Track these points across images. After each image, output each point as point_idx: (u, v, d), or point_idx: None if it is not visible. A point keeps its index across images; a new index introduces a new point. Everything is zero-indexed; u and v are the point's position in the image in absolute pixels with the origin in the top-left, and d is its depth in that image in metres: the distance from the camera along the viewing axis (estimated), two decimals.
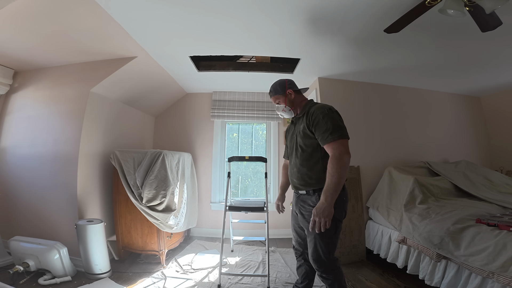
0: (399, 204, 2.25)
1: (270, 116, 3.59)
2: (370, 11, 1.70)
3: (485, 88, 3.30)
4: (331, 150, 1.33)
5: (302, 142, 1.48)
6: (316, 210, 1.29)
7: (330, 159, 1.31)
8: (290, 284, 2.11)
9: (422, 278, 1.89)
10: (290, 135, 1.67)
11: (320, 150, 1.43)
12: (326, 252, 1.39)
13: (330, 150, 1.33)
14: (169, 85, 3.22)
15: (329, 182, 1.29)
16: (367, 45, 2.18)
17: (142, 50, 2.30)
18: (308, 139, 1.45)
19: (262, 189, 3.68)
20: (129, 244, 2.53)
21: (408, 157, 3.00)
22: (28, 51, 2.29)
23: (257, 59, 2.86)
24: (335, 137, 1.32)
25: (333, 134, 1.33)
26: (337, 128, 1.35)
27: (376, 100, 3.08)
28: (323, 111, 1.40)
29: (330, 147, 1.33)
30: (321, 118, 1.38)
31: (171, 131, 3.70)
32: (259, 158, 2.47)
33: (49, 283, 1.96)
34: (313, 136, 1.43)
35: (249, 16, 1.79)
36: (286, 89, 1.59)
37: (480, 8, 1.36)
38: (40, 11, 1.70)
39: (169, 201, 2.46)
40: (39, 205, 2.37)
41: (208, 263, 2.53)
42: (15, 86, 2.68)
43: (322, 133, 1.36)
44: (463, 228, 1.66)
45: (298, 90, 1.62)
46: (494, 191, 2.43)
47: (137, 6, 1.67)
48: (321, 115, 1.38)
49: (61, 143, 2.37)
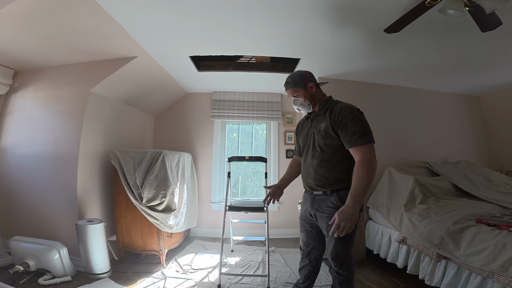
0: (399, 204, 2.25)
1: (270, 116, 3.59)
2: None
3: (485, 88, 3.30)
4: (360, 154, 1.28)
5: (323, 142, 1.42)
6: (342, 214, 1.22)
7: (360, 163, 1.27)
8: (290, 284, 2.11)
9: (422, 278, 1.89)
10: (304, 132, 1.58)
11: (341, 151, 1.38)
12: (346, 250, 1.40)
13: (359, 154, 1.29)
14: (169, 85, 3.22)
15: (358, 186, 1.24)
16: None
17: (142, 50, 2.30)
18: (330, 140, 1.40)
19: (262, 189, 3.68)
20: (129, 244, 2.53)
21: (408, 157, 3.00)
22: (28, 51, 2.29)
23: (257, 59, 2.86)
24: (365, 141, 1.29)
25: (363, 138, 1.29)
26: (366, 131, 1.31)
27: (376, 100, 3.08)
28: (351, 112, 1.34)
29: (359, 151, 1.29)
30: (349, 119, 1.32)
31: (171, 131, 3.70)
32: (259, 158, 2.47)
33: (49, 283, 1.96)
34: (336, 137, 1.37)
35: (249, 16, 1.79)
36: (307, 82, 1.49)
37: (480, 8, 1.36)
38: (40, 11, 1.70)
39: (169, 201, 2.46)
40: (39, 205, 2.37)
41: (208, 263, 2.53)
42: (15, 86, 2.68)
43: (350, 135, 1.31)
44: (463, 228, 1.66)
45: (318, 84, 1.53)
46: (494, 191, 2.43)
47: (137, 6, 1.67)
48: (350, 116, 1.33)
49: (61, 143, 2.37)
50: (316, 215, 1.47)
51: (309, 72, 1.54)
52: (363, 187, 1.23)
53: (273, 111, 3.60)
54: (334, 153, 1.40)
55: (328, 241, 1.43)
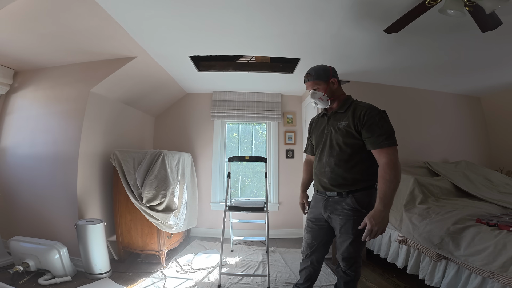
0: (399, 204, 2.25)
1: (270, 116, 3.59)
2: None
3: (485, 88, 3.30)
4: (386, 156, 1.26)
5: (342, 141, 1.38)
6: (374, 219, 1.20)
7: (387, 165, 1.25)
8: (290, 284, 2.11)
9: (422, 278, 1.88)
10: (320, 129, 1.54)
11: (360, 152, 1.36)
12: (358, 251, 1.40)
13: (385, 156, 1.27)
14: (169, 85, 3.22)
15: (387, 189, 1.22)
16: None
17: (142, 50, 2.30)
18: (351, 139, 1.36)
19: (262, 189, 3.68)
20: (129, 244, 2.53)
21: (408, 157, 3.00)
22: (28, 51, 2.29)
23: (257, 59, 2.86)
24: (391, 143, 1.27)
25: (389, 140, 1.27)
26: (392, 133, 1.30)
27: (376, 100, 2.99)
28: (378, 113, 1.33)
29: (385, 153, 1.27)
30: (376, 120, 1.30)
31: (171, 131, 3.70)
32: (259, 158, 2.47)
33: (49, 283, 1.96)
34: (358, 137, 1.34)
35: (249, 16, 1.79)
36: (330, 77, 1.46)
37: (480, 8, 1.36)
38: (40, 11, 1.70)
39: (169, 201, 2.46)
40: (39, 205, 2.37)
41: (208, 263, 2.53)
42: (15, 86, 2.68)
43: (376, 136, 1.29)
44: (463, 228, 1.65)
45: (340, 81, 1.50)
46: (494, 191, 2.43)
47: (137, 6, 1.67)
48: (377, 117, 1.31)
49: (61, 143, 2.37)
50: (330, 217, 1.44)
51: (333, 67, 1.51)
52: (391, 189, 1.22)
53: (273, 111, 3.60)
54: (354, 153, 1.37)
55: (341, 241, 1.41)
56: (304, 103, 3.54)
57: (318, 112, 2.91)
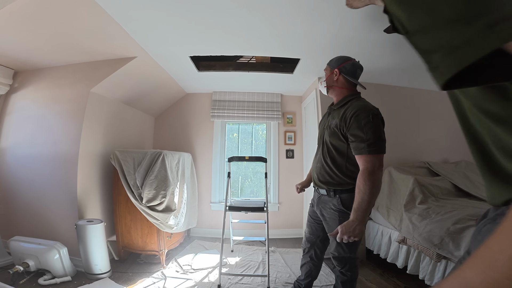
0: (399, 204, 2.25)
1: (270, 116, 3.59)
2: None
3: None
4: (363, 163, 1.19)
5: (329, 140, 1.37)
6: (345, 228, 1.14)
7: (361, 174, 1.18)
8: (290, 284, 2.11)
9: (422, 278, 1.89)
10: (321, 125, 1.55)
11: (347, 154, 1.32)
12: (349, 250, 1.38)
13: (363, 163, 1.19)
14: (169, 85, 3.22)
15: (360, 200, 1.15)
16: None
17: (142, 50, 2.30)
18: (337, 140, 1.33)
19: (262, 189, 3.68)
20: (129, 244, 2.53)
21: (408, 157, 3.00)
22: (28, 51, 2.29)
23: (257, 59, 2.86)
24: (372, 151, 1.17)
25: (370, 147, 1.17)
26: (377, 140, 1.19)
27: (376, 100, 3.02)
28: (366, 116, 1.22)
29: (363, 160, 1.19)
30: (362, 124, 1.20)
31: (171, 131, 3.70)
32: (259, 158, 2.47)
33: (49, 283, 1.96)
34: (343, 140, 1.30)
35: (249, 16, 1.79)
36: (337, 67, 1.43)
37: None
38: (40, 11, 1.70)
39: (169, 201, 2.46)
40: (39, 205, 2.37)
41: (208, 263, 2.53)
42: (15, 86, 2.68)
43: (358, 142, 1.21)
44: (463, 228, 1.66)
45: (347, 78, 1.42)
46: None
47: (137, 6, 1.67)
48: (363, 121, 1.21)
49: (61, 143, 2.37)
50: (322, 215, 1.47)
51: (354, 62, 1.44)
52: (365, 200, 1.14)
53: (273, 111, 3.60)
54: (339, 154, 1.35)
55: (332, 240, 1.42)
56: (304, 103, 3.54)
57: (318, 112, 2.91)
